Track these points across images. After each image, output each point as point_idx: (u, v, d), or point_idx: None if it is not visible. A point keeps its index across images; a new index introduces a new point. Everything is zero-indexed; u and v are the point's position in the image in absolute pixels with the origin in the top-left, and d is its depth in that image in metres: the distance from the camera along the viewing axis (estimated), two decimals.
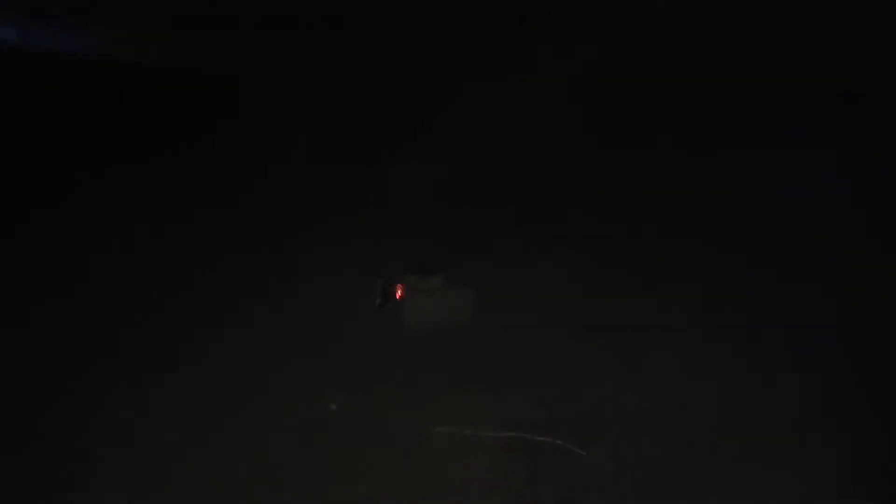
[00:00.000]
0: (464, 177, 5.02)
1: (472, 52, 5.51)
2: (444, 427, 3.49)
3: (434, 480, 3.23)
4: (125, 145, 5.40)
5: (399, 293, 4.51)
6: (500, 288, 4.34)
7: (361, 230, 4.75)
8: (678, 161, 5.01)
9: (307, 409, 3.70)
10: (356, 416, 3.62)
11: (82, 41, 5.68)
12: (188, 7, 5.68)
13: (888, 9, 5.05)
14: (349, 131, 5.42)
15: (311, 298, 4.49)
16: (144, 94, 5.61)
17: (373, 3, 5.56)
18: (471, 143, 4.98)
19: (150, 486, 3.26)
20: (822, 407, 3.41)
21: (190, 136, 5.45)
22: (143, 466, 3.36)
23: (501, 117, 5.12)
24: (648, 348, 3.91)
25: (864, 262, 4.24)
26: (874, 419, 3.33)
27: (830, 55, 5.09)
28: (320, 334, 4.26)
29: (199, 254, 4.78)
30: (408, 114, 5.31)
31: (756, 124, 5.08)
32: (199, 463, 3.38)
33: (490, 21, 5.57)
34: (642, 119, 5.19)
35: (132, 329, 4.30)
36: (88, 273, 4.69)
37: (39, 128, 5.27)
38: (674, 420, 3.43)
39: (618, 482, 3.14)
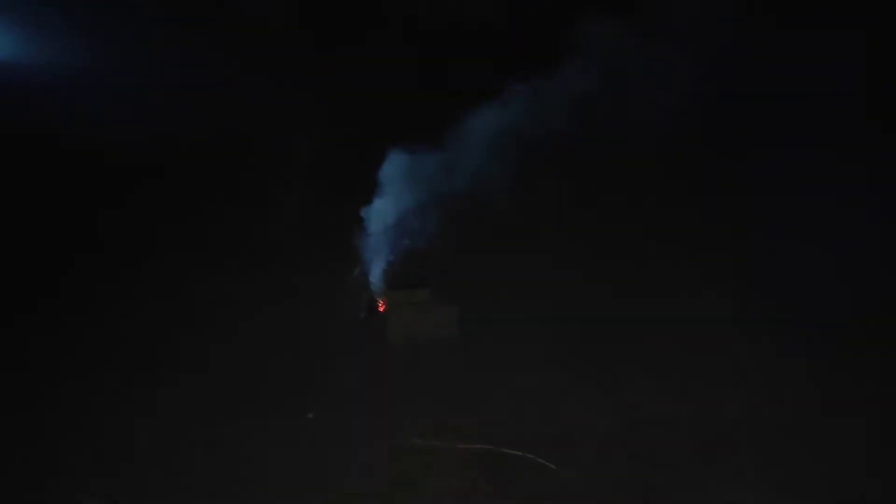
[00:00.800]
0: (452, 193, 5.07)
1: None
2: (419, 438, 3.52)
3: (408, 490, 3.27)
4: None
5: (382, 306, 4.55)
6: (485, 305, 4.38)
7: (348, 244, 4.78)
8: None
9: (286, 417, 3.75)
10: (334, 426, 3.66)
11: None
12: None
13: None
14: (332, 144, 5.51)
15: (296, 311, 4.52)
16: None
17: None
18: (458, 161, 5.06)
19: (129, 483, 3.31)
20: (784, 426, 3.45)
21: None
22: (118, 465, 3.41)
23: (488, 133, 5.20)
24: (625, 370, 3.94)
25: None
26: (840, 435, 3.37)
27: None
28: (304, 345, 4.30)
29: (185, 265, 4.82)
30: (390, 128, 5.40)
31: None
32: (174, 465, 3.42)
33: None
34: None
35: (110, 336, 4.34)
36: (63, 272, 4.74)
37: None
38: (643, 438, 3.47)
39: (586, 496, 3.17)
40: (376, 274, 4.66)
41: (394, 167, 4.84)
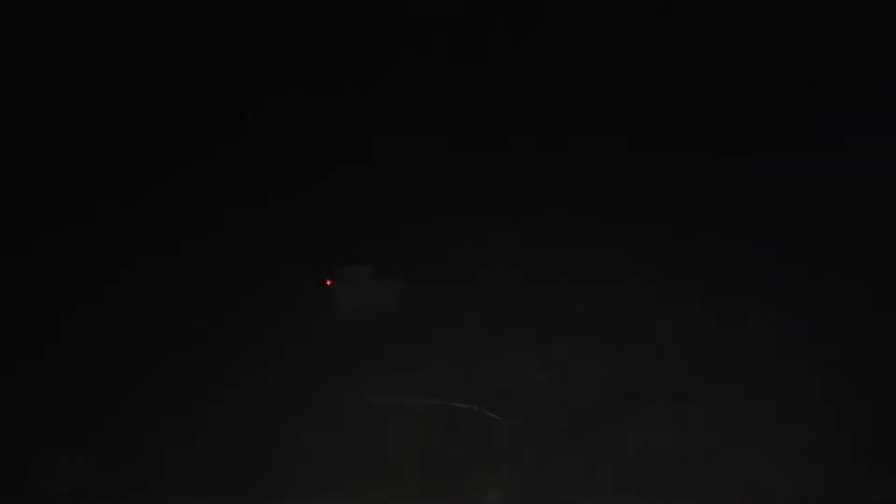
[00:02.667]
0: (392, 170, 5.47)
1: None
2: (373, 396, 3.93)
3: (366, 442, 3.69)
4: None
5: (328, 282, 4.88)
6: (425, 278, 4.79)
7: (297, 224, 5.11)
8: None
9: (247, 382, 4.07)
10: (293, 389, 4.02)
11: None
12: None
13: None
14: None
15: (248, 285, 4.80)
16: None
17: None
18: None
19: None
20: (692, 378, 4.04)
21: None
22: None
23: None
24: (555, 333, 4.43)
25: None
26: (740, 382, 3.98)
27: None
28: (257, 319, 4.59)
29: (135, 241, 4.99)
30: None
31: None
32: (145, 431, 3.71)
33: None
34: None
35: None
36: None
37: None
38: (571, 392, 4.00)
39: (525, 441, 3.68)
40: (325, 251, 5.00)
41: None
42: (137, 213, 5.14)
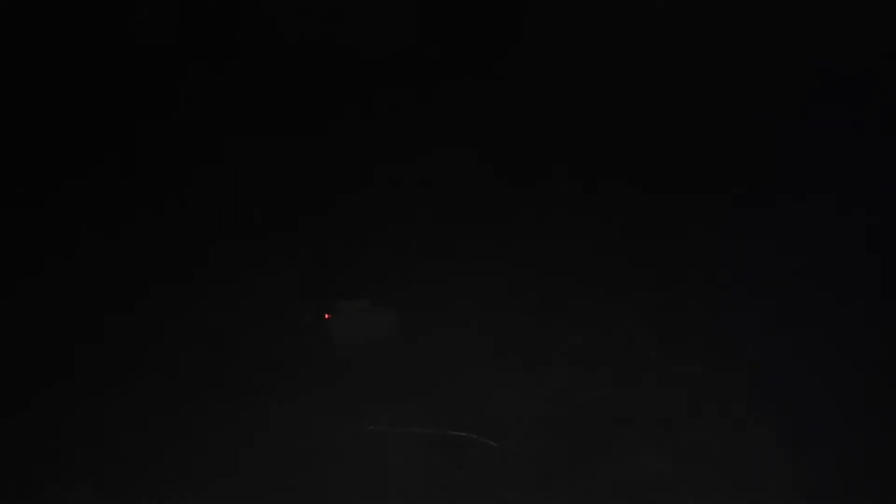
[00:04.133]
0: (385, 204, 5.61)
1: None
2: (373, 426, 4.02)
3: (366, 469, 3.77)
4: None
5: (327, 315, 4.98)
6: (422, 308, 4.90)
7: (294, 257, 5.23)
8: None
9: (246, 413, 4.15)
10: (294, 419, 4.10)
11: None
12: None
13: None
14: None
15: (248, 317, 4.89)
16: None
17: None
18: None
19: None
20: (682, 406, 4.14)
21: None
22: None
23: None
24: (549, 362, 4.53)
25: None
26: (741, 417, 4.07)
27: None
28: (257, 350, 4.68)
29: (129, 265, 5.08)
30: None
31: None
32: (144, 459, 3.78)
33: None
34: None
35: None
36: None
37: None
38: (566, 419, 4.09)
39: (522, 467, 3.77)
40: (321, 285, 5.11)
41: None
42: (135, 239, 5.23)
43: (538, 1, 6.50)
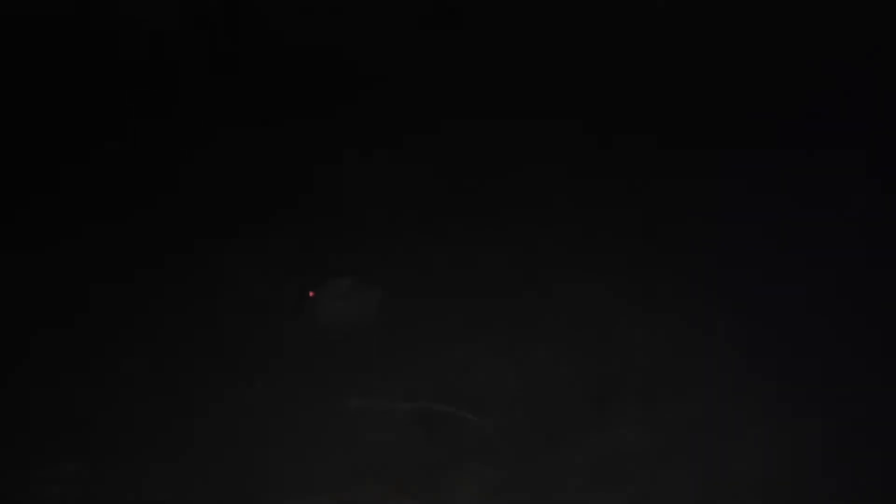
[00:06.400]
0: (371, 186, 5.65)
1: None
2: (356, 400, 4.08)
3: (347, 444, 3.83)
4: None
5: (311, 293, 5.02)
6: (405, 288, 4.94)
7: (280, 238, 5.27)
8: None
9: (230, 389, 4.20)
10: (279, 393, 4.16)
11: None
12: None
13: None
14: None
15: (234, 297, 4.93)
16: None
17: None
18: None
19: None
20: (658, 379, 4.21)
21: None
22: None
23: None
24: (529, 340, 4.58)
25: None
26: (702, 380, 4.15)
27: None
28: (240, 329, 4.72)
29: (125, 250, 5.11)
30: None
31: None
32: (130, 436, 3.84)
33: None
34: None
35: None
36: None
37: None
38: (543, 395, 4.15)
39: (497, 441, 3.87)
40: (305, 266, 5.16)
41: None
42: (121, 222, 5.27)
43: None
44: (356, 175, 5.69)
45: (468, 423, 3.95)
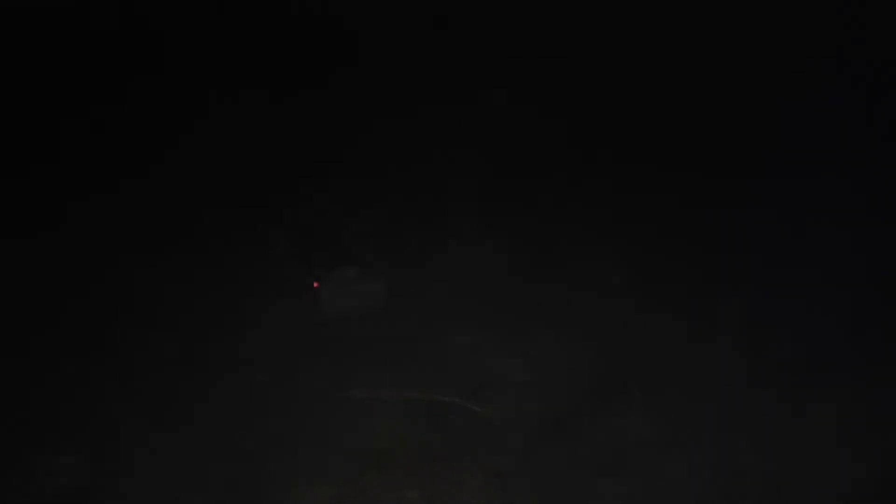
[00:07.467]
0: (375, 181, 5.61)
1: None
2: (359, 390, 4.04)
3: (351, 434, 3.80)
4: None
5: (316, 283, 4.99)
6: (410, 278, 4.91)
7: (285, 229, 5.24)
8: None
9: (233, 379, 4.17)
10: (281, 383, 4.13)
11: None
12: None
13: None
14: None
15: (240, 287, 4.90)
16: None
17: None
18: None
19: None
20: (664, 369, 4.18)
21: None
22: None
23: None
24: (534, 330, 4.55)
25: None
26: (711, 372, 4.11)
27: None
28: (244, 319, 4.69)
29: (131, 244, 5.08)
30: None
31: None
32: (132, 426, 3.81)
33: None
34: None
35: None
36: None
37: None
38: (548, 386, 4.12)
39: (503, 431, 3.82)
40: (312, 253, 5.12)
41: None
42: (122, 211, 5.22)
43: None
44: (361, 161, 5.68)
45: (474, 413, 3.92)
